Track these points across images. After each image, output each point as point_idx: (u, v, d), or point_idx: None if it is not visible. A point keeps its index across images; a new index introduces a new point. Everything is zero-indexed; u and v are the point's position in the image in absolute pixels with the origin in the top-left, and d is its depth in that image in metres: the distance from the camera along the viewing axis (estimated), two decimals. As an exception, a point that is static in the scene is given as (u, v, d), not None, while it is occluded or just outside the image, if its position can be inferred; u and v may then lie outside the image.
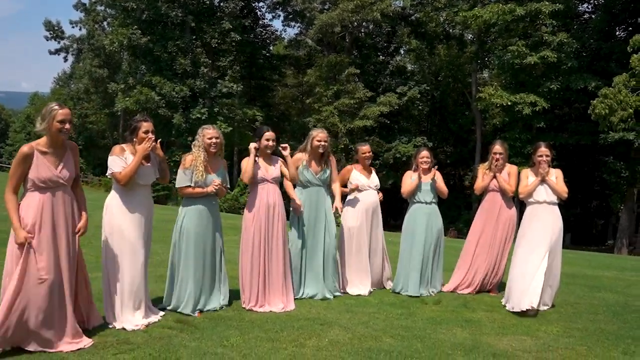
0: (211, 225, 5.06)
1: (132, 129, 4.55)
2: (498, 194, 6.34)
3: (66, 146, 4.02)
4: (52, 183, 3.86)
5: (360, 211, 6.15)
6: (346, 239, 6.17)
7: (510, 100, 24.13)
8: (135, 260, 4.44)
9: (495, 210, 6.33)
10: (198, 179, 4.90)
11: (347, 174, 6.28)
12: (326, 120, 28.83)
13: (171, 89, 27.94)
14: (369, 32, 34.01)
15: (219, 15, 30.52)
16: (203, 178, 4.91)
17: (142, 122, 4.54)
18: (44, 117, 3.86)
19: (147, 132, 4.51)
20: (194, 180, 4.92)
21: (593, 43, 26.12)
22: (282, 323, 4.78)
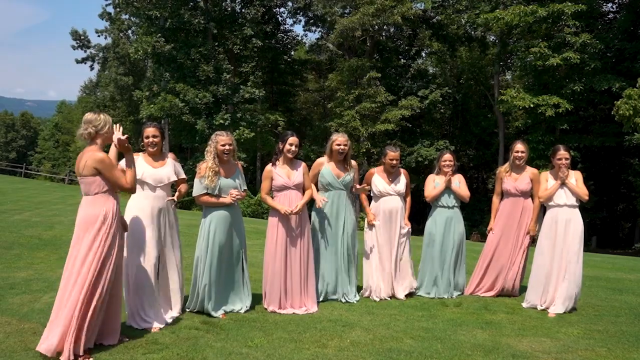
0: (234, 230, 5.20)
1: (141, 134, 4.90)
2: (521, 198, 6.30)
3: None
4: None
5: (379, 216, 6.20)
6: (366, 243, 6.26)
7: (532, 102, 23.91)
8: (145, 262, 4.58)
9: (516, 214, 6.31)
10: (209, 185, 5.05)
11: (369, 177, 6.36)
12: (348, 125, 28.92)
13: (194, 96, 28.32)
14: (390, 35, 34.01)
15: (241, 21, 30.85)
16: (214, 184, 5.05)
17: (146, 129, 4.85)
18: None
19: (147, 137, 4.80)
20: (207, 187, 5.07)
21: (617, 43, 25.71)
22: (304, 324, 4.91)
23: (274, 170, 5.51)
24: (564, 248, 5.70)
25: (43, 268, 6.91)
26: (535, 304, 5.88)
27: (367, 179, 6.35)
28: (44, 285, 5.91)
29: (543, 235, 5.91)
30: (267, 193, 5.53)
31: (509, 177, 6.36)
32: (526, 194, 6.32)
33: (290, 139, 5.46)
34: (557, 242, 5.74)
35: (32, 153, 65.25)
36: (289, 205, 5.38)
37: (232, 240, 5.19)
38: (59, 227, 10.72)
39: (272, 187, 5.52)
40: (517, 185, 6.28)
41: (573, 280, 5.67)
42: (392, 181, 6.23)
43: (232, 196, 5.08)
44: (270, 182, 5.50)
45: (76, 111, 53.51)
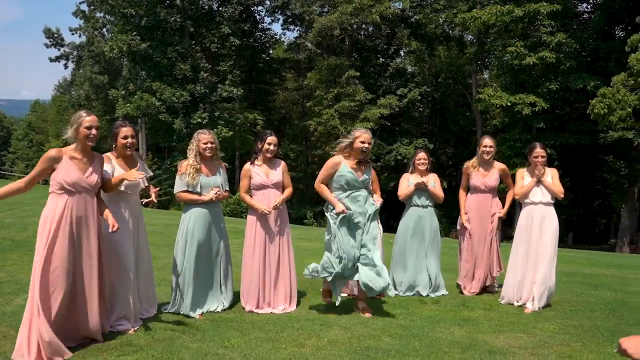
0: (214, 230, 5.15)
1: (112, 135, 4.55)
2: (489, 195, 6.32)
3: (94, 155, 4.20)
4: (80, 187, 3.99)
5: None
6: None
7: (509, 101, 24.19)
8: (120, 264, 4.43)
9: (485, 211, 6.32)
10: (190, 182, 4.99)
11: None
12: (327, 123, 28.93)
13: (171, 95, 28.03)
14: (368, 34, 34.10)
15: (218, 20, 30.64)
16: (195, 181, 5.00)
17: (120, 128, 4.53)
18: (72, 124, 4.03)
19: (125, 138, 4.51)
20: (187, 184, 5.01)
21: (592, 43, 26.16)
22: (282, 324, 4.86)
23: (252, 169, 5.46)
24: (540, 245, 5.75)
25: (15, 270, 6.74)
26: (511, 301, 5.93)
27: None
28: (15, 288, 5.76)
29: (519, 232, 5.95)
30: (245, 191, 5.48)
31: (477, 173, 6.35)
32: (494, 190, 6.34)
33: (269, 138, 5.41)
34: (533, 239, 5.79)
35: (5, 153, 63.91)
36: (267, 204, 5.33)
37: (211, 239, 5.13)
38: (33, 228, 10.48)
39: (250, 186, 5.46)
40: (486, 181, 6.29)
41: (547, 279, 5.72)
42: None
43: (213, 193, 5.02)
44: (248, 181, 5.45)
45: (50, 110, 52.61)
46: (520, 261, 5.85)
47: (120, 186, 4.42)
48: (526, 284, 5.82)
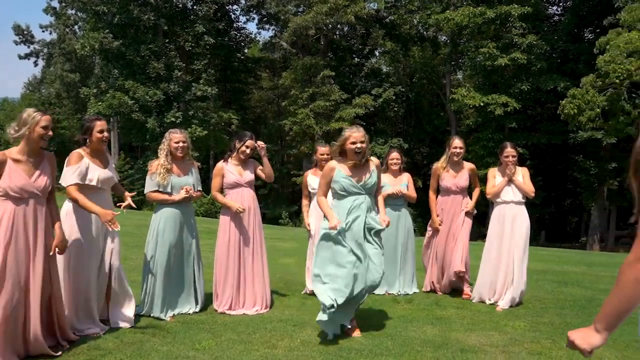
0: (186, 230, 5.07)
1: (85, 129, 4.36)
2: (460, 195, 6.29)
3: (43, 155, 3.91)
4: (27, 193, 3.73)
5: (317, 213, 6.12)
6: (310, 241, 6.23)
7: (482, 101, 24.52)
8: (87, 266, 4.29)
9: (457, 211, 6.29)
10: (160, 182, 4.91)
11: (305, 180, 6.29)
12: (302, 123, 28.90)
13: (144, 93, 27.67)
14: (343, 34, 34.17)
15: (192, 18, 30.34)
16: (165, 181, 4.92)
17: (95, 122, 4.37)
18: (24, 123, 3.73)
19: (101, 132, 4.36)
20: (158, 184, 4.93)
21: (562, 45, 26.69)
22: (255, 325, 4.82)
23: (225, 167, 5.40)
24: (512, 244, 5.81)
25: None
26: (484, 299, 5.98)
27: (304, 182, 6.31)
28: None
29: (491, 231, 6.00)
30: (217, 190, 5.40)
31: (447, 174, 6.29)
32: (465, 190, 6.34)
33: (248, 142, 5.34)
34: (505, 238, 5.85)
35: (-27, 153, 62.19)
36: (240, 203, 5.27)
37: (182, 240, 5.06)
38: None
39: (223, 185, 5.39)
40: (457, 182, 6.26)
41: (520, 279, 5.79)
42: None
43: (184, 192, 4.94)
44: (221, 179, 5.38)
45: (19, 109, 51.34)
46: (493, 260, 5.91)
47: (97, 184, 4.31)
48: (498, 283, 5.88)
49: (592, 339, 1.70)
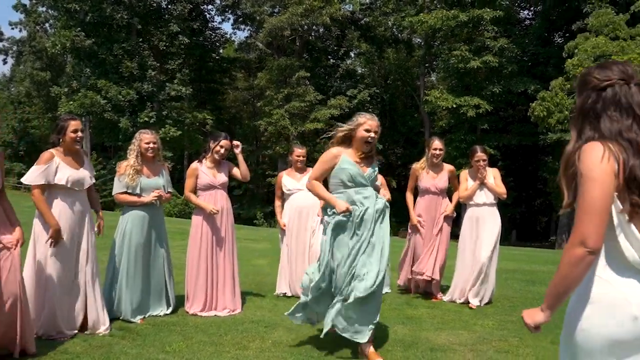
0: (154, 232, 5.03)
1: (59, 129, 4.26)
2: (439, 197, 6.25)
3: None
4: None
5: (290, 213, 6.16)
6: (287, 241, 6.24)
7: (455, 103, 24.86)
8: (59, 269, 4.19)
9: (435, 213, 6.24)
10: (129, 184, 4.87)
11: (279, 180, 6.31)
12: (277, 123, 28.87)
13: (117, 93, 27.30)
14: (319, 35, 34.24)
15: (167, 17, 30.05)
16: (134, 183, 4.87)
17: (69, 121, 4.28)
18: None
19: (75, 132, 4.26)
20: (127, 185, 4.88)
21: (532, 48, 27.23)
22: (226, 327, 4.81)
23: (200, 168, 5.37)
24: (483, 246, 5.89)
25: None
26: (455, 299, 6.09)
27: (277, 183, 6.33)
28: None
29: (463, 233, 6.08)
30: (191, 191, 5.38)
31: (426, 175, 6.26)
32: (444, 192, 6.33)
33: (223, 142, 5.32)
34: (477, 240, 5.93)
35: (-62, 152, 60.50)
36: (213, 205, 5.26)
37: (150, 242, 5.01)
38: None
39: (197, 186, 5.37)
40: (436, 183, 6.22)
41: (491, 279, 5.90)
42: (301, 178, 6.19)
43: (154, 194, 4.91)
44: (195, 180, 5.35)
45: (-12, 107, 50.15)
46: (467, 262, 5.99)
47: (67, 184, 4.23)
48: (470, 283, 5.96)
49: (536, 317, 1.93)
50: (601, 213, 1.73)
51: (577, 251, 1.73)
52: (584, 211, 1.74)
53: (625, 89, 1.86)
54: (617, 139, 1.80)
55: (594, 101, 1.90)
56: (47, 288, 4.16)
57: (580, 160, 1.81)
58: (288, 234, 6.14)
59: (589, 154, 1.79)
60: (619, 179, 1.76)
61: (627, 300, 1.75)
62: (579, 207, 1.77)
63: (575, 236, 1.75)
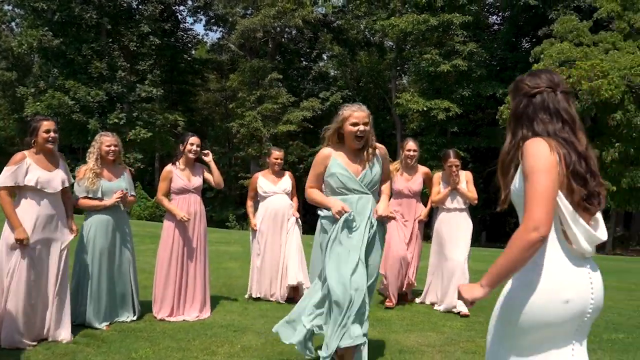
0: (119, 236, 4.96)
1: (32, 130, 4.23)
2: (413, 200, 6.19)
3: None
4: None
5: (267, 216, 6.14)
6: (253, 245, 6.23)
7: (426, 106, 25.14)
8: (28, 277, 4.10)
9: (410, 216, 6.19)
10: (89, 188, 4.79)
11: (254, 182, 6.30)
12: (249, 125, 28.75)
13: (86, 93, 26.80)
14: (291, 37, 34.23)
15: (137, 18, 29.64)
16: (95, 187, 4.80)
17: (42, 121, 4.25)
18: None
19: (48, 132, 4.22)
20: (87, 189, 4.80)
21: (500, 53, 27.75)
22: (194, 332, 4.78)
23: (174, 171, 5.32)
24: (455, 250, 5.92)
25: None
26: (426, 301, 6.17)
27: (252, 184, 6.32)
28: None
29: (435, 237, 6.13)
30: (164, 194, 5.33)
31: (400, 177, 6.17)
32: (418, 195, 6.25)
33: (191, 139, 5.32)
34: (449, 243, 5.94)
35: None
36: (187, 209, 5.22)
37: (115, 246, 4.93)
38: None
39: (170, 189, 5.32)
40: (410, 186, 6.15)
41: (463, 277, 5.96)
42: (277, 180, 6.23)
43: (116, 196, 4.84)
44: (168, 184, 5.30)
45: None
46: (440, 265, 6.04)
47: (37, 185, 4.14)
48: (443, 286, 6.00)
49: (475, 292, 2.04)
50: (551, 201, 1.86)
51: (531, 236, 1.84)
52: (535, 200, 1.85)
53: (552, 95, 2.04)
54: (554, 137, 1.97)
55: (526, 106, 2.08)
56: (11, 295, 4.06)
57: (525, 155, 1.93)
58: (262, 238, 6.12)
59: (535, 148, 1.92)
60: (561, 171, 1.92)
61: (562, 285, 1.92)
62: (529, 197, 1.88)
63: (528, 223, 1.86)
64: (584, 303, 1.95)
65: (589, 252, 1.98)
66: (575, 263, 1.96)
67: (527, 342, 1.97)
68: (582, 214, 1.95)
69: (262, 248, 6.11)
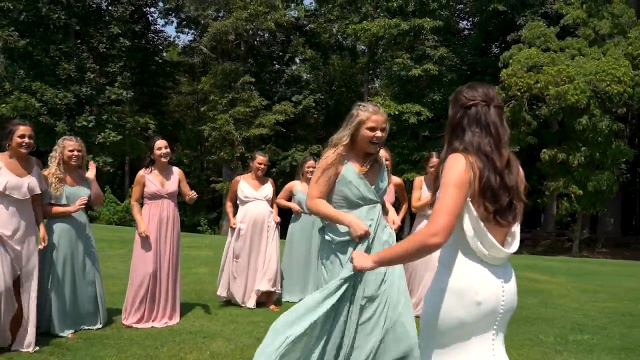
0: (82, 242, 4.86)
1: (7, 133, 4.21)
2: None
3: None
4: None
5: (246, 221, 6.12)
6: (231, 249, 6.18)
7: (397, 110, 25.37)
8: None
9: None
10: (53, 194, 4.70)
11: (235, 185, 6.28)
12: (221, 129, 28.56)
13: (54, 96, 26.26)
14: (264, 41, 34.16)
15: (107, 19, 29.19)
16: (58, 192, 4.72)
17: (18, 126, 4.21)
18: None
19: (22, 137, 4.19)
20: (50, 196, 4.71)
21: (470, 58, 28.20)
22: (162, 338, 4.74)
23: (146, 176, 5.26)
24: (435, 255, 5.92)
25: None
26: None
27: (233, 187, 6.29)
28: None
29: None
30: (137, 199, 5.28)
31: None
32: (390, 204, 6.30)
33: (157, 143, 5.27)
34: None
35: None
36: (159, 214, 5.17)
37: (78, 253, 4.84)
38: None
39: (143, 194, 5.26)
40: None
41: None
42: (259, 186, 6.19)
43: (80, 202, 4.77)
44: (141, 188, 5.25)
45: None
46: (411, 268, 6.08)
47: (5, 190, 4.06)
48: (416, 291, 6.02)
49: (365, 263, 2.27)
50: (455, 214, 2.02)
51: (430, 240, 2.00)
52: (441, 210, 2.01)
53: (485, 109, 2.16)
54: (477, 152, 2.09)
55: (461, 117, 2.20)
56: None
57: (444, 167, 2.09)
58: (240, 243, 6.06)
59: (454, 162, 2.07)
60: (474, 186, 2.05)
61: (474, 288, 2.06)
62: (437, 205, 2.04)
63: (431, 228, 2.00)
64: (495, 305, 2.08)
65: (499, 259, 2.11)
66: (487, 267, 2.09)
67: (447, 341, 2.10)
68: (494, 227, 2.08)
69: (239, 252, 6.06)
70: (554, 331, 5.42)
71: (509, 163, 2.14)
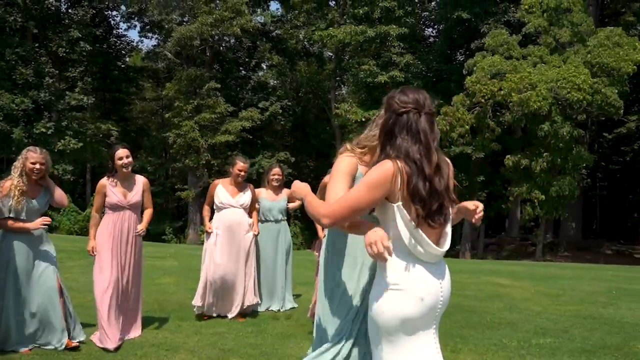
0: (40, 256, 4.55)
1: None
2: None
3: None
4: None
5: (222, 228, 5.87)
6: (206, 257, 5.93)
7: (364, 116, 25.43)
8: None
9: None
10: (15, 207, 4.39)
11: (213, 188, 6.04)
12: (187, 135, 28.13)
13: (10, 101, 25.39)
14: (230, 46, 33.87)
15: (67, 22, 28.46)
16: (20, 206, 4.40)
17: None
18: None
19: None
20: (12, 209, 4.40)
21: (436, 65, 28.55)
22: (123, 352, 4.52)
23: (108, 186, 4.97)
24: None
25: None
26: None
27: (210, 191, 6.06)
28: None
29: None
30: (98, 210, 5.00)
31: None
32: None
33: (118, 152, 4.96)
34: None
35: None
36: (120, 226, 4.91)
37: (36, 267, 4.52)
38: None
39: (105, 204, 5.00)
40: None
41: None
42: (237, 193, 5.95)
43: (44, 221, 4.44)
44: (102, 198, 4.97)
45: None
46: None
47: None
48: None
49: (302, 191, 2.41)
50: (353, 211, 2.16)
51: (322, 219, 2.21)
52: (346, 202, 2.16)
53: (416, 116, 2.21)
54: (406, 158, 2.15)
55: (393, 123, 2.24)
56: None
57: (372, 168, 2.20)
58: (218, 251, 5.81)
59: (380, 166, 2.15)
60: (402, 192, 2.14)
61: (416, 285, 2.17)
62: (347, 194, 2.19)
63: (328, 209, 2.19)
64: (435, 299, 2.21)
65: (435, 257, 2.23)
66: (425, 266, 2.21)
67: (396, 337, 2.20)
68: (426, 229, 2.18)
69: (216, 263, 5.77)
70: (517, 335, 5.42)
71: (439, 167, 2.20)
